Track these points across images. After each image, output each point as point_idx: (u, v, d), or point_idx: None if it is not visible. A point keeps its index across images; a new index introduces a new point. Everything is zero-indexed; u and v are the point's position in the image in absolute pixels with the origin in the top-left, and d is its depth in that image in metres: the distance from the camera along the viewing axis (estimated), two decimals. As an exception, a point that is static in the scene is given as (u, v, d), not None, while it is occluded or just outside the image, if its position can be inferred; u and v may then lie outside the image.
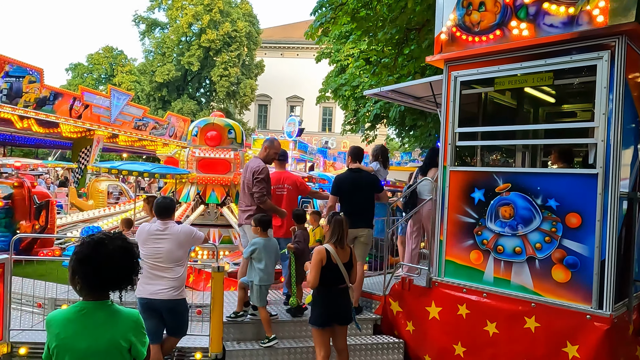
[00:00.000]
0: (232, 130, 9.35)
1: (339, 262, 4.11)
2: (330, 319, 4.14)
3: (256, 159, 5.33)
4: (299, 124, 20.94)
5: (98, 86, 38.95)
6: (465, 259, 4.67)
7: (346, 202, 5.42)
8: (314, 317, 4.18)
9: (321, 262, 4.07)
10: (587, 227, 3.93)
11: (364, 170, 5.55)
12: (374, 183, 5.48)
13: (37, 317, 5.07)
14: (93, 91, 19.53)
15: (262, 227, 4.93)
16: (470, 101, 5.43)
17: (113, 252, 2.02)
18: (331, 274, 4.09)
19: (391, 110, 12.99)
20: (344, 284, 4.17)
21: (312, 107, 42.42)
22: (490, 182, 4.51)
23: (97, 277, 2.01)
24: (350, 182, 5.41)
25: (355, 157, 5.61)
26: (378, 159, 6.17)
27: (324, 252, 4.10)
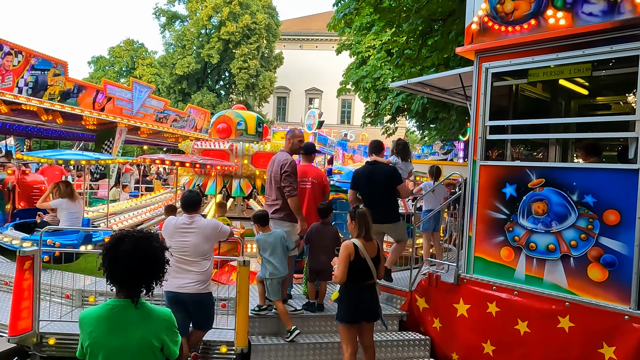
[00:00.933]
0: (241, 122, 9.25)
1: (367, 257, 4.04)
2: (357, 315, 4.09)
3: (283, 152, 5.21)
4: (319, 116, 20.83)
5: (119, 79, 39.40)
6: (496, 255, 4.56)
7: (364, 195, 5.37)
8: (341, 313, 4.13)
9: (349, 257, 4.01)
10: (627, 225, 3.78)
11: (380, 162, 5.46)
12: (392, 175, 5.34)
13: (65, 309, 5.13)
14: (115, 84, 19.71)
15: (259, 223, 4.94)
16: (500, 93, 5.28)
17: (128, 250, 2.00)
18: (359, 269, 4.03)
19: (413, 102, 12.81)
20: (371, 280, 4.11)
21: (331, 100, 42.23)
22: (523, 177, 4.38)
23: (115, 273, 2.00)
24: (367, 175, 5.33)
25: (373, 150, 5.54)
26: (397, 153, 6.04)
27: (352, 247, 4.03)
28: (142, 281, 2.02)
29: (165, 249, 2.16)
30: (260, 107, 41.03)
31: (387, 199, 5.32)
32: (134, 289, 2.02)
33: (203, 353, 4.77)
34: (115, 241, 2.03)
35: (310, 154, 5.76)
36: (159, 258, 2.07)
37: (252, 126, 9.28)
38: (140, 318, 2.00)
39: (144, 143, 24.67)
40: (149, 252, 2.01)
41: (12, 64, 12.80)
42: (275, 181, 5.04)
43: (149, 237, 2.09)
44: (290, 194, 4.91)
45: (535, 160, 5.96)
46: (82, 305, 5.32)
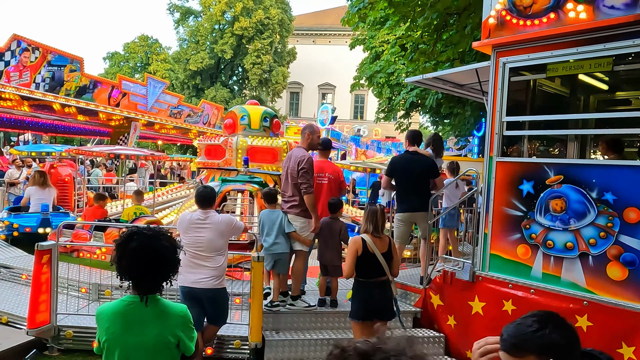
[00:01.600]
0: (245, 116, 9.26)
1: (377, 252, 3.98)
2: (369, 313, 4.05)
3: (299, 148, 5.18)
4: (332, 111, 20.78)
5: (134, 74, 39.70)
6: (512, 253, 4.50)
7: (402, 183, 5.40)
8: (354, 310, 4.11)
9: (356, 252, 3.96)
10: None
11: (420, 153, 5.48)
12: (430, 167, 5.39)
13: (82, 302, 5.20)
14: (130, 79, 19.88)
15: (266, 200, 5.20)
16: (517, 88, 5.20)
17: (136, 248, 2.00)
18: (369, 264, 3.98)
19: (428, 97, 12.70)
20: (383, 276, 4.05)
21: (344, 95, 42.11)
22: (541, 174, 4.31)
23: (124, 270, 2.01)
24: (405, 164, 5.36)
25: (413, 140, 5.54)
26: (432, 148, 6.02)
27: (360, 242, 3.99)
28: (150, 279, 2.01)
29: (177, 248, 2.14)
30: (273, 103, 41.08)
31: (422, 189, 5.37)
32: (143, 286, 2.02)
33: (217, 348, 4.80)
34: (125, 238, 2.03)
35: (328, 150, 5.75)
36: (167, 257, 2.03)
37: (256, 120, 9.25)
38: (156, 314, 2.01)
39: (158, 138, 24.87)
40: (156, 251, 2.00)
41: (30, 60, 12.96)
42: (292, 177, 5.01)
43: (158, 235, 2.06)
44: (307, 191, 4.90)
45: (552, 156, 5.86)
46: (98, 299, 5.39)
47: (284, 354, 4.61)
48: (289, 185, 5.09)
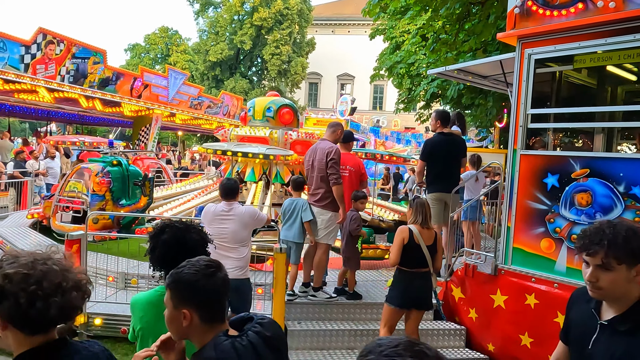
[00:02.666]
0: (251, 108, 9.32)
1: (422, 244, 4.06)
2: (407, 302, 4.12)
3: (325, 141, 5.16)
4: (352, 102, 20.70)
5: (154, 65, 40.10)
6: (535, 247, 4.47)
7: (438, 165, 5.42)
8: (391, 296, 4.19)
9: (403, 241, 4.04)
10: (677, 218, 3.63)
11: (454, 134, 5.52)
12: (463, 147, 5.52)
13: (110, 290, 5.34)
14: (152, 71, 20.12)
15: (293, 187, 5.29)
16: (542, 80, 5.12)
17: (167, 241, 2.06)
18: (413, 254, 4.06)
19: (449, 88, 12.55)
20: (425, 268, 4.12)
21: (363, 85, 41.83)
22: (566, 167, 4.26)
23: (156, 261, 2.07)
24: (445, 146, 5.39)
25: (445, 121, 5.54)
26: (455, 124, 6.02)
27: (407, 231, 4.08)
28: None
29: (207, 241, 2.18)
30: (292, 94, 41.09)
31: (457, 170, 5.48)
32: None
33: (240, 336, 4.89)
34: (157, 230, 2.11)
35: (349, 142, 5.75)
36: (196, 250, 2.06)
37: (260, 110, 9.24)
38: None
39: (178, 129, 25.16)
40: (186, 244, 2.05)
41: (55, 53, 13.21)
42: (319, 169, 5.00)
43: (189, 228, 2.12)
44: (337, 181, 4.93)
45: (578, 149, 5.77)
46: (125, 288, 5.53)
47: (305, 344, 4.68)
48: (314, 177, 5.07)
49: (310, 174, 5.16)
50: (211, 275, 1.57)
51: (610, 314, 1.75)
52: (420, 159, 5.59)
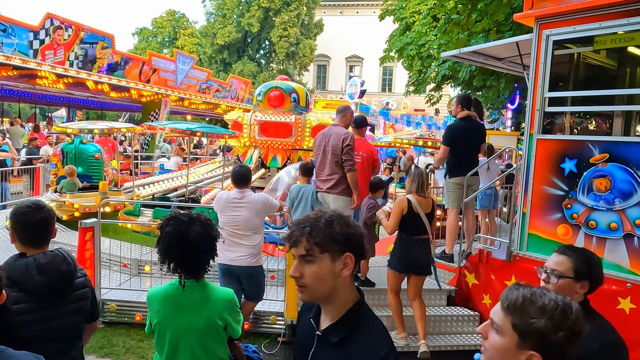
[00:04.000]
0: (294, 93, 9.26)
1: (421, 212, 4.28)
2: (406, 265, 4.35)
3: (338, 126, 5.07)
4: (361, 85, 20.50)
5: (162, 49, 39.91)
6: (552, 233, 4.40)
7: (460, 151, 5.38)
8: (394, 262, 4.42)
9: (402, 212, 4.27)
10: (700, 204, 3.54)
11: (474, 120, 5.49)
12: (483, 132, 5.54)
13: (123, 277, 5.38)
14: (160, 55, 20.00)
15: (302, 172, 5.28)
16: (559, 62, 4.98)
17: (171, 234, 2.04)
18: (412, 223, 4.29)
19: (461, 70, 12.34)
20: (425, 235, 4.34)
21: (372, 67, 41.41)
22: (584, 152, 4.16)
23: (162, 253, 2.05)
24: (468, 131, 5.36)
25: (466, 105, 5.46)
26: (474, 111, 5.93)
27: (406, 202, 4.31)
28: (184, 264, 2.03)
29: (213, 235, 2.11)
30: (300, 76, 40.77)
31: (476, 156, 5.48)
32: (181, 270, 2.04)
33: (253, 323, 4.92)
34: (164, 222, 2.07)
35: (362, 127, 5.65)
36: (199, 244, 2.03)
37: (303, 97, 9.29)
38: (204, 298, 2.05)
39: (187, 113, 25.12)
40: (188, 238, 2.01)
41: (63, 38, 13.15)
42: (334, 155, 4.91)
43: (193, 221, 2.05)
44: (351, 168, 4.90)
45: (596, 133, 5.64)
46: (138, 274, 5.57)
47: (319, 330, 4.68)
48: (327, 163, 4.97)
49: (321, 159, 5.05)
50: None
51: (327, 322, 1.47)
52: (443, 144, 5.46)
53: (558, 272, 1.98)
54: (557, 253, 2.06)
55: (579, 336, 1.20)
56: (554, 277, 1.98)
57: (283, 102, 9.10)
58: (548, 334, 1.18)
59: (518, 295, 1.24)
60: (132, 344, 4.44)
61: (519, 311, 1.22)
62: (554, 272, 1.98)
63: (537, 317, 1.19)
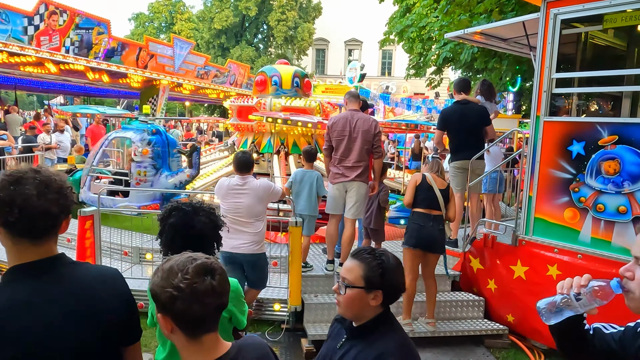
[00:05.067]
0: (276, 77, 9.11)
1: (434, 186, 4.33)
2: (421, 243, 4.35)
3: (359, 111, 4.87)
4: (361, 69, 20.27)
5: (159, 35, 39.44)
6: (559, 217, 4.34)
7: (455, 136, 5.31)
8: (407, 238, 4.44)
9: (415, 183, 4.37)
10: None
11: (471, 101, 5.31)
12: (483, 115, 5.28)
13: (124, 265, 5.33)
14: (157, 41, 19.77)
15: (305, 158, 5.20)
16: (567, 42, 4.87)
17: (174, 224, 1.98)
18: (426, 195, 4.35)
19: (462, 52, 12.17)
20: (438, 210, 4.37)
21: (371, 51, 40.99)
22: (593, 134, 4.08)
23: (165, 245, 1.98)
24: (458, 115, 5.23)
25: (461, 89, 5.36)
26: (481, 94, 5.80)
27: (420, 176, 4.42)
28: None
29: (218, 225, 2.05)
30: (299, 60, 40.38)
31: (476, 139, 5.30)
32: None
33: (256, 310, 4.88)
34: (165, 213, 2.01)
35: (364, 111, 5.55)
36: (204, 234, 1.98)
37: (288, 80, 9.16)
38: None
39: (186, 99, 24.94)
40: (193, 227, 1.95)
41: (58, 24, 12.95)
42: (365, 141, 4.72)
43: (197, 211, 2.00)
44: (380, 155, 4.91)
45: (605, 115, 5.54)
46: (140, 262, 5.52)
47: (322, 317, 4.65)
48: (355, 149, 4.73)
49: (346, 145, 4.74)
50: None
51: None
52: (437, 128, 5.44)
53: (347, 281, 1.62)
54: (350, 257, 1.70)
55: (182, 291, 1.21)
56: (343, 287, 1.62)
57: (266, 87, 9.02)
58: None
59: None
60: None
61: None
62: (344, 282, 1.63)
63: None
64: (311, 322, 4.61)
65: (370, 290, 1.59)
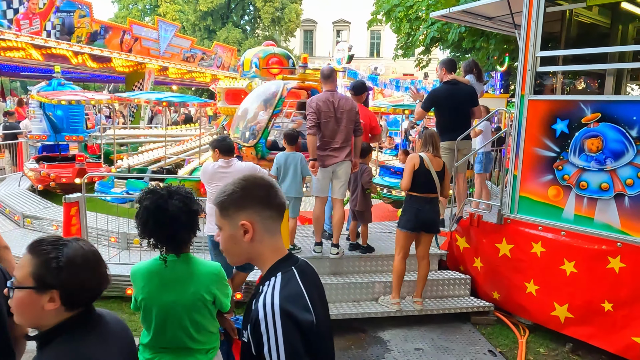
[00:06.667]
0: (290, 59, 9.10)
1: (432, 169, 4.31)
2: (417, 226, 4.38)
3: (335, 92, 4.79)
4: (348, 49, 20.10)
5: (143, 17, 38.70)
6: (543, 195, 4.39)
7: (444, 117, 5.29)
8: (403, 221, 4.43)
9: (413, 167, 4.30)
10: (691, 162, 3.52)
11: (461, 82, 5.29)
12: (472, 96, 5.30)
13: (112, 251, 5.31)
14: (141, 23, 19.42)
15: (287, 140, 5.15)
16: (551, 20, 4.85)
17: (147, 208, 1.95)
18: (423, 179, 4.31)
19: (450, 32, 12.12)
20: (435, 193, 4.38)
21: (360, 32, 40.60)
22: (576, 112, 4.10)
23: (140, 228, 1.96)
24: (448, 96, 5.22)
25: (451, 68, 5.33)
26: (472, 72, 5.79)
27: (418, 158, 4.34)
28: (164, 239, 1.95)
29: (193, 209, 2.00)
30: (286, 42, 39.94)
31: (466, 120, 5.32)
32: (163, 245, 1.96)
33: (246, 293, 4.91)
34: (142, 196, 1.97)
35: (362, 94, 5.49)
36: (178, 218, 1.93)
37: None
38: (190, 273, 1.99)
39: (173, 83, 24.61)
40: (167, 212, 1.91)
41: (38, 7, 12.65)
42: (350, 121, 4.69)
43: (172, 194, 1.95)
44: (362, 132, 4.86)
45: (589, 93, 5.57)
46: (127, 248, 5.51)
47: (311, 298, 4.67)
48: (340, 130, 4.68)
49: (333, 127, 4.67)
50: None
51: None
52: (421, 107, 5.41)
53: (16, 281, 1.30)
54: (25, 250, 1.35)
55: None
56: (11, 289, 1.31)
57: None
58: None
59: None
60: (124, 318, 4.38)
61: None
62: (12, 283, 1.32)
63: None
64: (300, 303, 4.64)
65: (43, 290, 1.27)
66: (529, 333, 4.48)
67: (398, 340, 4.36)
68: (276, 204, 1.37)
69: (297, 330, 1.21)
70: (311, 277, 1.40)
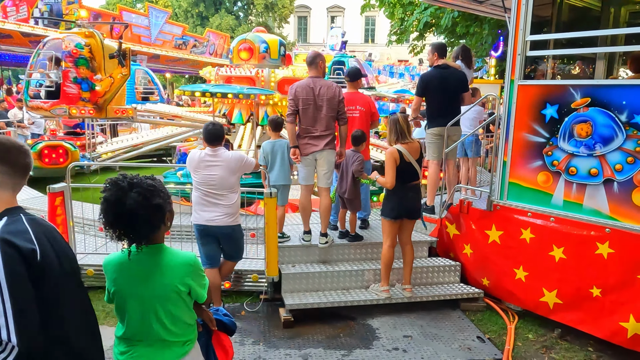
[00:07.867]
0: (265, 46, 8.85)
1: (412, 160, 4.31)
2: (400, 212, 4.39)
3: (320, 78, 4.73)
4: (342, 36, 19.92)
5: (135, 4, 38.17)
6: (532, 181, 4.36)
7: (434, 101, 5.22)
8: (387, 210, 4.43)
9: (395, 162, 4.27)
10: (680, 147, 3.48)
11: (451, 66, 5.22)
12: (462, 81, 5.23)
13: (99, 241, 5.27)
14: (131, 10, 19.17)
15: (271, 127, 5.09)
16: (541, 3, 4.78)
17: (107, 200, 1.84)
18: (406, 171, 4.31)
19: (443, 17, 11.99)
20: (417, 180, 4.41)
21: (354, 17, 40.20)
22: (566, 97, 4.05)
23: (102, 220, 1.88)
24: (439, 80, 5.14)
25: (442, 53, 5.26)
26: (459, 58, 5.71)
27: (397, 153, 4.28)
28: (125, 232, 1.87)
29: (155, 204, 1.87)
30: (280, 29, 39.55)
31: (456, 104, 5.26)
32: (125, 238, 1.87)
33: (235, 282, 4.89)
34: (104, 187, 1.86)
35: (357, 80, 5.40)
36: (135, 212, 1.82)
37: (275, 50, 8.88)
38: (163, 264, 1.93)
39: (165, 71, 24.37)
40: (124, 206, 1.81)
41: (25, -7, 12.43)
42: (331, 109, 4.61)
43: (132, 186, 1.84)
44: (346, 121, 4.79)
45: (579, 77, 5.52)
46: (116, 237, 5.45)
47: (300, 286, 4.67)
48: (320, 118, 4.62)
49: (312, 114, 4.62)
50: None
51: None
52: (415, 95, 5.35)
53: None
54: None
55: None
56: None
57: (252, 55, 8.76)
58: None
59: None
60: (111, 308, 4.33)
61: None
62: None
63: None
64: (289, 291, 4.63)
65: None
66: (518, 319, 4.49)
67: (387, 327, 4.35)
68: (12, 162, 1.56)
69: (19, 256, 1.40)
70: (44, 228, 1.58)
